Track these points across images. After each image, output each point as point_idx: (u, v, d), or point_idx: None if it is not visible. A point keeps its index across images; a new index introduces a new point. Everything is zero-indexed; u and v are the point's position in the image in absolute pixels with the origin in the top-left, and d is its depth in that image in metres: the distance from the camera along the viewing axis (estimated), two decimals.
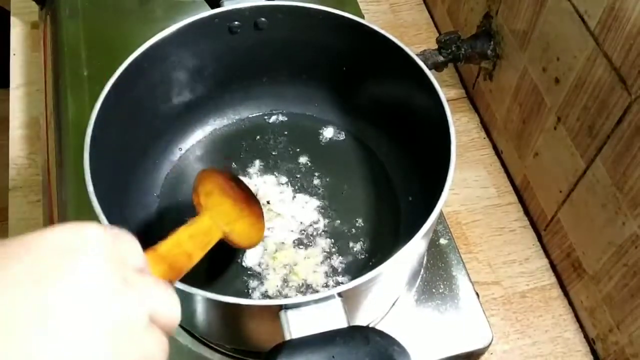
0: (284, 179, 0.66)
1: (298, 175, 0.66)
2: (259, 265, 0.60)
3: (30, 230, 0.76)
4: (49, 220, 0.67)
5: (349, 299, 0.43)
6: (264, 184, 0.65)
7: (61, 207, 0.65)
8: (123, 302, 0.28)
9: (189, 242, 0.44)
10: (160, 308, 0.30)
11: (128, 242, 0.32)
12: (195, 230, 0.47)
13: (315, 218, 0.63)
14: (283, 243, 0.61)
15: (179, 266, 0.40)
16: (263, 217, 0.58)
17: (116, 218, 0.46)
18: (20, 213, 0.75)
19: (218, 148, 0.68)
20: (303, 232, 0.62)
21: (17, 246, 0.27)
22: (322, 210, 0.63)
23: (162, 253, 0.40)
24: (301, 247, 0.61)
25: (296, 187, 0.65)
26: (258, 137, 0.69)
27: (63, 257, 0.27)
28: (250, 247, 0.56)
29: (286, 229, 0.62)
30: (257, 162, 0.67)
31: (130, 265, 0.30)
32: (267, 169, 0.66)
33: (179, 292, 0.42)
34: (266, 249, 0.61)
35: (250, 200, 0.57)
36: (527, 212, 0.80)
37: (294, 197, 0.64)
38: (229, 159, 0.67)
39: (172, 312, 0.32)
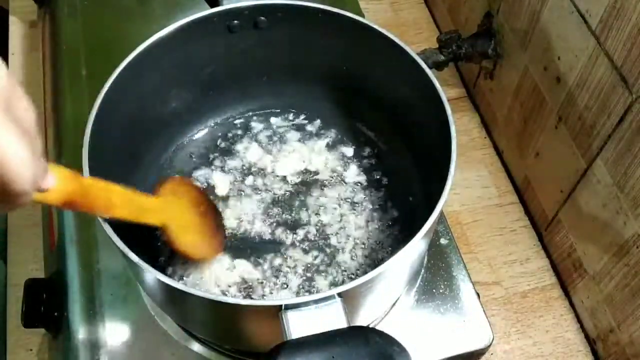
0: (283, 178, 0.66)
1: (298, 174, 0.66)
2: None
3: (30, 229, 0.76)
4: (49, 220, 0.67)
5: (349, 299, 0.43)
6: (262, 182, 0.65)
7: None
8: None
9: (119, 198, 0.47)
10: (3, 149, 0.30)
11: (23, 97, 0.33)
12: (134, 197, 0.50)
13: (315, 217, 0.63)
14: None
15: (91, 203, 0.43)
16: (218, 249, 0.58)
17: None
18: (20, 212, 0.75)
19: (217, 147, 0.68)
20: (303, 230, 0.62)
21: None
22: (322, 210, 0.63)
23: (84, 181, 0.43)
24: (302, 245, 0.61)
25: (294, 187, 0.65)
26: (258, 135, 0.69)
27: None
28: (185, 255, 0.56)
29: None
30: (257, 162, 0.67)
31: (7, 108, 0.31)
32: (266, 168, 0.66)
33: (179, 293, 0.42)
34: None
35: (213, 230, 0.58)
36: (527, 212, 0.80)
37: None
38: (229, 158, 0.67)
39: (14, 164, 0.30)
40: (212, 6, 0.59)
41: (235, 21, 0.60)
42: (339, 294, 0.42)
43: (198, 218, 0.57)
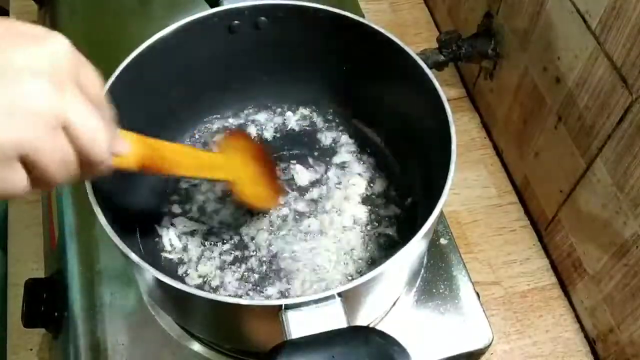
0: (282, 178, 0.66)
1: (297, 175, 0.66)
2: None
3: (30, 229, 0.76)
4: (49, 219, 0.67)
5: (349, 299, 0.43)
6: None
7: (60, 206, 0.64)
8: (34, 89, 0.30)
9: (188, 158, 0.51)
10: (79, 123, 0.32)
11: (89, 68, 0.35)
12: (202, 154, 0.55)
13: (314, 216, 0.63)
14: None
15: (162, 164, 0.46)
16: (279, 193, 0.62)
17: (115, 217, 0.46)
18: (20, 213, 0.75)
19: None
20: (301, 228, 0.62)
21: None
22: (321, 209, 0.63)
23: (153, 144, 0.45)
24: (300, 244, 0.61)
25: (294, 187, 0.65)
26: (258, 136, 0.69)
27: (31, 38, 0.32)
28: (252, 206, 0.60)
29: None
30: None
31: (75, 82, 0.33)
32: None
33: (179, 292, 0.42)
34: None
35: (272, 178, 0.61)
36: (527, 212, 0.80)
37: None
38: None
39: (91, 137, 0.33)
40: (212, 6, 0.59)
41: (236, 21, 0.60)
42: (339, 294, 0.42)
43: (258, 170, 0.60)
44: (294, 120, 0.70)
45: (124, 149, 0.40)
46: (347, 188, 0.65)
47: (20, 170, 0.31)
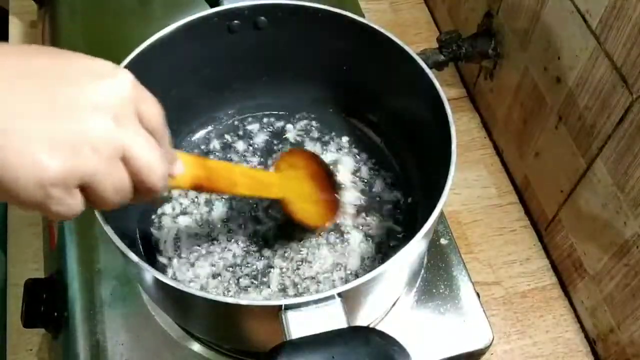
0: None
1: None
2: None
3: (30, 229, 0.76)
4: (48, 221, 0.67)
5: (349, 299, 0.43)
6: None
7: None
8: (98, 125, 0.32)
9: (241, 177, 0.51)
10: (137, 156, 0.34)
11: (150, 100, 0.37)
12: (255, 173, 0.56)
13: None
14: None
15: (216, 183, 0.47)
16: (334, 215, 0.60)
17: (115, 218, 0.46)
18: (20, 213, 0.75)
19: (216, 148, 0.68)
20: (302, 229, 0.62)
21: (71, 55, 0.35)
22: None
23: (208, 164, 0.46)
24: (300, 244, 0.61)
25: None
26: (258, 136, 0.69)
27: (96, 73, 0.34)
28: (304, 224, 0.58)
29: None
30: (257, 161, 0.67)
31: (136, 115, 0.35)
32: (265, 168, 0.66)
33: (179, 293, 0.42)
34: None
35: (329, 198, 0.60)
36: (527, 212, 0.80)
37: None
38: (229, 159, 0.67)
39: (148, 167, 0.35)
40: (212, 6, 0.59)
41: (235, 21, 0.60)
42: (339, 294, 0.42)
43: (315, 188, 0.59)
44: (293, 119, 0.70)
45: (179, 171, 0.42)
46: (347, 187, 0.65)
47: (77, 195, 0.33)
